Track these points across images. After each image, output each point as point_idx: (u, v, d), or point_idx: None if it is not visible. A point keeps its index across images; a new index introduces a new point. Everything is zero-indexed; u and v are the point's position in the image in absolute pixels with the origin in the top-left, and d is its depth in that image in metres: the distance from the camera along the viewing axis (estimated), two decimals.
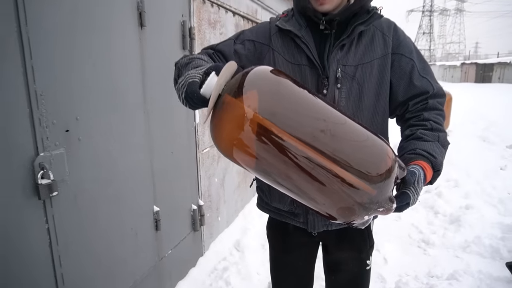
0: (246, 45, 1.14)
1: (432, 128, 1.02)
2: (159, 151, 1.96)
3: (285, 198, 1.17)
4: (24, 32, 1.15)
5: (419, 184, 0.89)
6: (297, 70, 1.10)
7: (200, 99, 0.81)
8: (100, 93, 1.51)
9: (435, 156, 0.96)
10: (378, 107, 1.11)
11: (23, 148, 1.19)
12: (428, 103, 1.07)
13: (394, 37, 1.11)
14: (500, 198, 3.77)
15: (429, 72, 1.12)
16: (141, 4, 1.73)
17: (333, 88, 1.07)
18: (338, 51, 1.07)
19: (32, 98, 1.20)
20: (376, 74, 1.09)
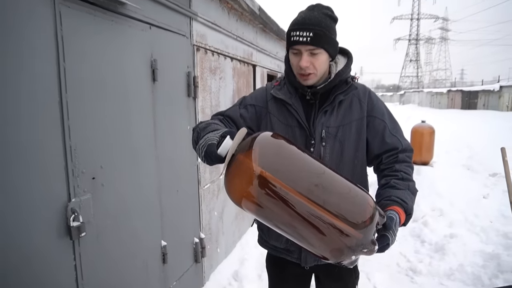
0: (249, 109, 1.40)
1: (403, 178, 1.25)
2: (166, 190, 2.17)
3: (282, 237, 1.38)
4: (64, 99, 1.38)
5: (396, 227, 1.08)
6: (289, 130, 1.34)
7: (217, 158, 1.03)
8: (120, 143, 1.73)
9: (406, 202, 1.17)
10: (357, 160, 1.35)
11: (59, 195, 1.39)
12: (399, 157, 1.31)
13: (369, 102, 1.35)
14: (482, 226, 4.00)
15: (399, 130, 1.37)
16: (154, 62, 1.98)
17: (319, 146, 1.31)
18: (322, 115, 1.31)
19: (68, 152, 1.41)
20: (354, 133, 1.33)
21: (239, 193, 0.97)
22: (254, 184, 0.92)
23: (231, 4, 3.05)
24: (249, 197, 0.95)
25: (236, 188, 0.97)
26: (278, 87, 1.39)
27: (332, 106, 1.31)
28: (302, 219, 0.93)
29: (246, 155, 0.95)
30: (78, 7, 1.44)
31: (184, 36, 2.35)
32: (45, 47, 1.30)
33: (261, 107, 1.40)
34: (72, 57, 1.41)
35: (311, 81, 1.29)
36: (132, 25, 1.80)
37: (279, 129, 1.35)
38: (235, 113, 1.38)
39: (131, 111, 1.81)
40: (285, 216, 0.95)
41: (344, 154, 1.32)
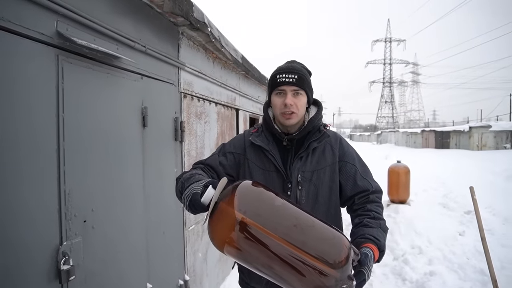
0: (228, 156, 1.51)
1: (374, 217, 1.36)
2: (153, 231, 2.21)
3: (262, 279, 1.41)
4: (61, 146, 1.47)
5: (371, 263, 1.17)
6: (267, 175, 1.44)
7: (201, 206, 1.11)
8: (111, 186, 1.80)
9: (379, 239, 1.27)
10: (331, 202, 1.46)
11: (51, 238, 1.43)
12: (370, 198, 1.44)
13: (340, 148, 1.49)
14: (459, 263, 4.12)
15: (369, 174, 1.50)
16: (145, 110, 2.11)
17: (295, 189, 1.41)
18: (298, 161, 1.43)
19: (62, 196, 1.48)
20: (328, 177, 1.44)
21: (222, 239, 1.04)
22: (235, 230, 1.00)
23: (216, 54, 3.27)
24: (231, 242, 1.02)
25: (219, 234, 1.04)
26: (256, 134, 1.51)
27: (307, 152, 1.43)
28: (282, 261, 1.00)
29: (228, 203, 1.03)
30: (79, 62, 1.58)
31: (172, 84, 2.50)
32: (47, 100, 1.41)
33: (240, 154, 1.50)
34: (71, 107, 1.52)
35: (293, 120, 1.41)
36: (125, 76, 1.94)
37: (257, 174, 1.45)
38: (215, 162, 1.48)
39: (122, 156, 1.90)
40: (266, 258, 1.02)
41: (319, 196, 1.43)
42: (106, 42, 1.75)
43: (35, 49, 1.35)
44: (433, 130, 31.66)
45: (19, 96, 1.28)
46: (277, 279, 1.05)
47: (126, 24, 1.94)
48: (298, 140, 1.45)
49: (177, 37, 2.58)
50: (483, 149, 23.23)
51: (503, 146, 23.15)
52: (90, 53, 1.63)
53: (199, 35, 2.71)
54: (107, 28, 1.74)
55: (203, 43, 2.92)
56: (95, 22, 1.65)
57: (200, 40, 2.85)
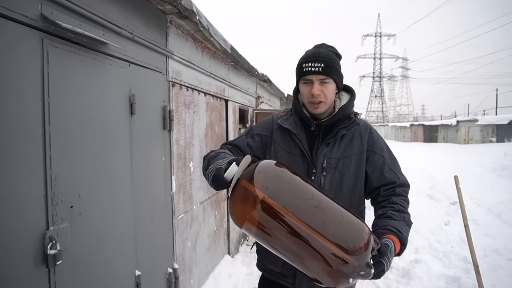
0: (255, 138, 1.52)
1: (399, 210, 1.32)
2: (141, 219, 2.21)
3: (278, 261, 1.42)
4: (47, 131, 1.46)
5: (391, 254, 1.13)
6: (292, 159, 1.42)
7: (224, 182, 1.13)
8: (98, 173, 1.80)
9: (402, 232, 1.24)
10: (355, 192, 1.43)
11: (38, 223, 1.43)
12: (396, 191, 1.39)
13: (369, 138, 1.45)
14: (444, 252, 4.22)
15: (397, 166, 1.46)
16: (132, 97, 2.10)
17: (320, 175, 1.39)
18: (324, 147, 1.40)
19: (48, 181, 1.47)
20: (354, 166, 1.41)
21: (241, 216, 1.04)
22: (256, 208, 0.99)
23: (204, 43, 3.26)
24: (250, 220, 1.02)
25: (239, 210, 1.05)
26: (285, 117, 1.50)
27: (334, 139, 1.41)
28: (301, 242, 0.98)
29: (249, 181, 1.04)
30: (64, 47, 1.56)
31: (160, 72, 2.49)
32: (32, 84, 1.40)
33: (267, 136, 1.50)
34: (57, 92, 1.51)
35: (321, 109, 1.39)
36: (112, 63, 1.92)
37: (282, 157, 1.43)
38: (243, 143, 1.50)
39: (109, 143, 1.90)
40: (284, 239, 1.01)
41: (343, 185, 1.40)
42: (92, 27, 1.74)
43: (19, 32, 1.34)
44: (421, 124, 32.10)
45: (3, 78, 1.27)
46: (294, 260, 1.04)
47: (113, 10, 1.92)
48: (327, 126, 1.43)
49: (165, 26, 2.56)
50: (470, 143, 23.68)
51: (489, 139, 23.60)
52: (75, 38, 1.62)
53: (188, 23, 2.70)
54: (93, 13, 1.73)
55: (191, 32, 2.90)
56: (81, 6, 1.63)
57: (189, 29, 2.84)
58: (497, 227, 5.45)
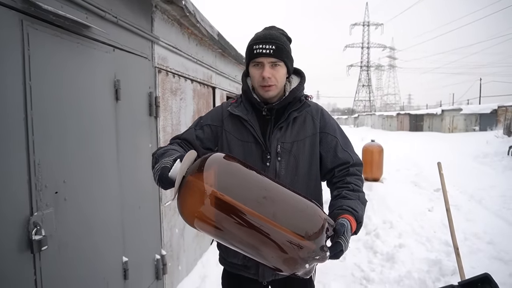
0: (205, 129, 1.46)
1: (353, 189, 1.31)
2: (129, 206, 2.21)
3: (239, 254, 1.35)
4: (29, 115, 1.43)
5: (348, 233, 1.14)
6: (245, 146, 1.40)
7: (168, 181, 1.06)
8: (83, 159, 1.78)
9: (357, 211, 1.23)
10: (311, 175, 1.42)
11: (21, 209, 1.41)
12: (349, 170, 1.39)
13: (321, 119, 1.44)
14: (427, 236, 4.33)
15: (349, 146, 1.45)
16: (118, 83, 2.07)
17: (275, 161, 1.37)
18: (277, 131, 1.38)
19: (31, 167, 1.45)
20: (308, 148, 1.40)
21: (191, 213, 0.99)
22: (203, 203, 0.95)
23: (191, 29, 3.22)
24: (201, 217, 0.97)
25: (187, 208, 1.00)
26: (235, 104, 1.45)
27: (287, 122, 1.39)
28: (253, 233, 0.96)
29: (195, 176, 0.98)
30: (46, 29, 1.52)
31: (146, 58, 2.46)
32: (12, 66, 1.36)
33: (217, 126, 1.45)
34: (38, 76, 1.48)
35: (272, 92, 1.36)
36: (96, 47, 1.89)
37: (235, 145, 1.41)
38: (191, 136, 1.44)
39: (95, 128, 1.87)
40: (237, 232, 0.98)
41: (299, 168, 1.39)
42: (74, 10, 1.70)
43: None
44: (407, 113, 32.52)
45: None
46: (250, 252, 1.03)
47: None
48: (278, 110, 1.40)
49: (151, 10, 2.52)
50: (454, 132, 24.14)
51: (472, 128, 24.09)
52: (57, 21, 1.58)
53: (174, 8, 2.65)
54: None
55: (177, 17, 2.86)
56: None
57: (175, 15, 2.80)
58: (478, 212, 5.62)
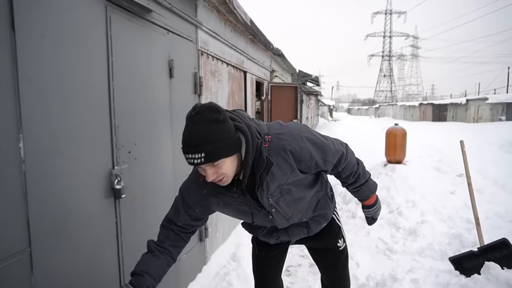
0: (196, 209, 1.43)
1: (353, 181, 1.58)
2: (178, 172, 2.51)
3: (270, 239, 1.63)
4: (111, 87, 1.73)
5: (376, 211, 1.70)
6: (239, 209, 1.42)
7: None
8: (148, 125, 2.08)
9: (367, 196, 1.65)
10: (312, 192, 1.52)
11: (106, 163, 1.72)
12: (352, 178, 1.57)
13: (293, 156, 1.32)
14: (449, 215, 4.49)
15: (327, 151, 1.38)
16: (171, 62, 2.35)
17: (272, 209, 1.40)
18: (261, 192, 1.33)
19: (113, 129, 1.75)
20: (296, 182, 1.39)
21: None
22: None
23: (227, 16, 3.47)
24: None
25: None
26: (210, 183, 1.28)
27: (262, 183, 1.31)
28: None
29: None
30: (121, 14, 1.81)
31: (192, 41, 2.73)
32: (99, 44, 1.66)
33: (203, 200, 1.41)
34: (117, 52, 1.77)
35: (227, 182, 1.26)
36: (156, 30, 2.17)
37: (229, 211, 1.47)
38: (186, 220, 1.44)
39: (154, 101, 2.17)
40: None
41: (295, 197, 1.43)
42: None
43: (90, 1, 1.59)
44: (430, 103, 31.88)
45: (81, 39, 1.53)
46: None
47: None
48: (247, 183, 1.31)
49: None
50: (479, 121, 23.59)
51: (498, 118, 23.46)
52: (129, 7, 1.86)
53: None
54: None
55: (216, 4, 3.11)
56: None
57: (214, 2, 3.05)
58: (501, 196, 5.69)
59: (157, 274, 1.35)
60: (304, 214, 1.53)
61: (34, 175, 1.28)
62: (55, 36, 1.38)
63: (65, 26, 1.44)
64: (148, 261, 1.35)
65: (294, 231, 1.60)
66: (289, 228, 1.57)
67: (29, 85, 1.26)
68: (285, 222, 1.49)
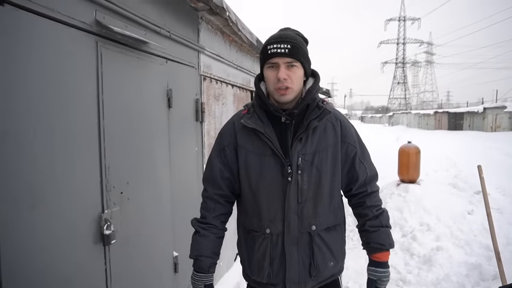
0: (227, 153, 1.41)
1: (376, 215, 1.41)
2: (178, 204, 2.40)
3: (263, 272, 1.37)
4: (101, 124, 1.64)
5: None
6: (263, 161, 1.33)
7: None
8: (142, 161, 1.98)
9: (384, 244, 1.39)
10: (334, 186, 1.39)
11: (95, 206, 1.62)
12: (367, 190, 1.43)
13: (342, 127, 1.38)
14: (466, 240, 4.26)
15: (367, 157, 1.45)
16: (170, 92, 2.26)
17: (296, 175, 1.30)
18: (297, 143, 1.30)
19: (103, 170, 1.66)
20: (330, 158, 1.35)
21: None
22: None
23: (232, 37, 3.38)
24: None
25: None
26: (247, 115, 1.35)
27: (306, 132, 1.30)
28: None
29: None
30: (114, 48, 1.72)
31: (193, 67, 2.64)
32: (89, 83, 1.57)
33: (231, 144, 1.39)
34: (108, 89, 1.68)
35: (289, 96, 1.28)
36: (152, 60, 2.08)
37: (252, 161, 1.35)
38: (218, 182, 1.44)
39: (151, 135, 2.07)
40: None
41: (322, 180, 1.34)
42: (136, 29, 1.89)
43: (79, 37, 1.50)
44: (446, 111, 31.24)
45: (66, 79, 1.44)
46: None
47: (153, 11, 2.07)
48: (297, 116, 1.32)
49: (197, 22, 2.70)
50: (497, 130, 22.96)
51: None
52: (123, 39, 1.77)
53: (217, 19, 2.82)
54: (137, 16, 1.88)
55: (220, 27, 3.03)
56: (127, 10, 1.79)
57: (218, 24, 2.96)
58: None
59: (213, 252, 1.41)
60: (315, 211, 1.35)
61: (7, 231, 1.18)
62: (39, 77, 1.30)
63: (51, 65, 1.35)
64: (198, 243, 1.41)
65: (293, 257, 1.34)
66: (288, 253, 1.34)
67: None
68: (295, 207, 1.32)
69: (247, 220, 1.48)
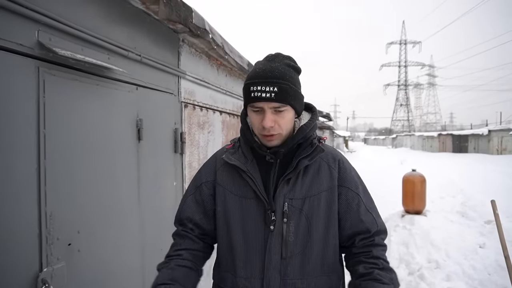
0: (203, 189, 1.21)
1: (384, 267, 1.08)
2: (150, 250, 2.09)
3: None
4: (42, 165, 1.36)
5: None
6: (244, 203, 1.13)
7: None
8: (101, 205, 1.69)
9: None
10: (328, 240, 1.13)
11: (30, 265, 1.32)
12: (375, 240, 1.14)
13: (340, 169, 1.15)
14: (480, 280, 3.86)
15: (374, 207, 1.19)
16: (140, 122, 2.00)
17: (281, 223, 1.09)
18: (284, 185, 1.09)
19: (43, 219, 1.37)
20: (324, 206, 1.11)
21: None
22: None
23: (220, 61, 3.16)
24: None
25: None
26: (231, 150, 1.19)
27: (295, 172, 1.10)
28: None
29: None
30: (64, 74, 1.47)
31: (171, 94, 2.39)
32: (26, 116, 1.31)
33: (209, 181, 1.21)
34: (53, 123, 1.41)
35: (276, 141, 1.11)
36: (118, 87, 1.83)
37: (232, 203, 1.15)
38: (192, 214, 1.22)
39: (114, 172, 1.79)
40: None
41: (313, 232, 1.10)
42: (95, 52, 1.65)
43: (13, 62, 1.25)
44: (450, 133, 30.96)
45: None
46: None
47: (119, 32, 1.84)
48: (286, 155, 1.12)
49: (178, 45, 2.47)
50: (503, 153, 22.56)
51: None
52: (77, 64, 1.53)
53: (201, 42, 2.60)
54: (97, 37, 1.64)
55: (206, 50, 2.81)
56: (83, 31, 1.55)
57: (203, 47, 2.74)
58: None
59: (170, 278, 1.12)
60: (302, 271, 1.09)
61: None
62: None
63: None
64: (155, 278, 1.15)
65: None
66: None
67: None
68: (278, 263, 1.08)
69: (220, 275, 1.20)
